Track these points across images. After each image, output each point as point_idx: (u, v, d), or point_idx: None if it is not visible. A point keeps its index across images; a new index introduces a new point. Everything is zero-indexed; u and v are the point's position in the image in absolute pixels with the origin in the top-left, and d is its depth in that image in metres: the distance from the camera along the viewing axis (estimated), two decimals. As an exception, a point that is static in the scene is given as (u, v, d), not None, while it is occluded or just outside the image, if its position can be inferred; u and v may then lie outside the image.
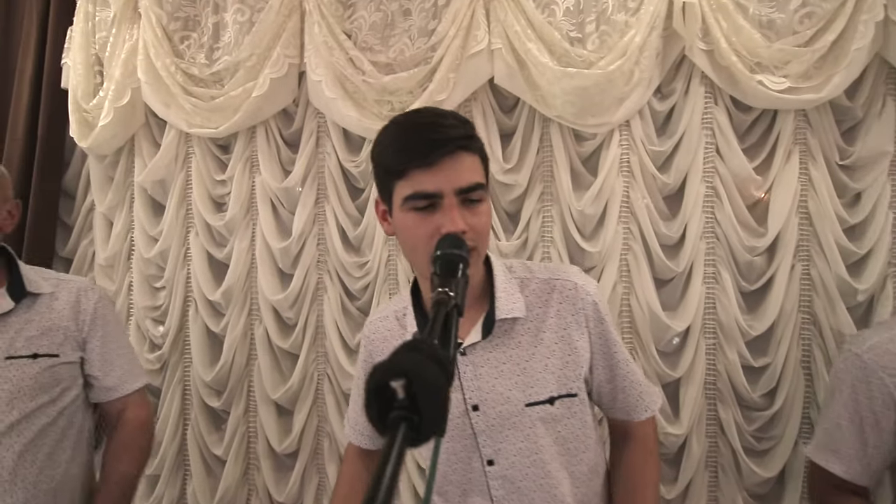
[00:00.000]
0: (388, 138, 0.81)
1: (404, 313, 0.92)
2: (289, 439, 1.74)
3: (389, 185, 0.80)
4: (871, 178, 1.51)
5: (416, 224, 0.77)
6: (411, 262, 0.85)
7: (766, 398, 1.55)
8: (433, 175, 0.75)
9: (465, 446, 0.85)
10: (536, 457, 0.84)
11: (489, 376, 0.84)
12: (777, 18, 1.50)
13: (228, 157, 1.83)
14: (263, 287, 1.76)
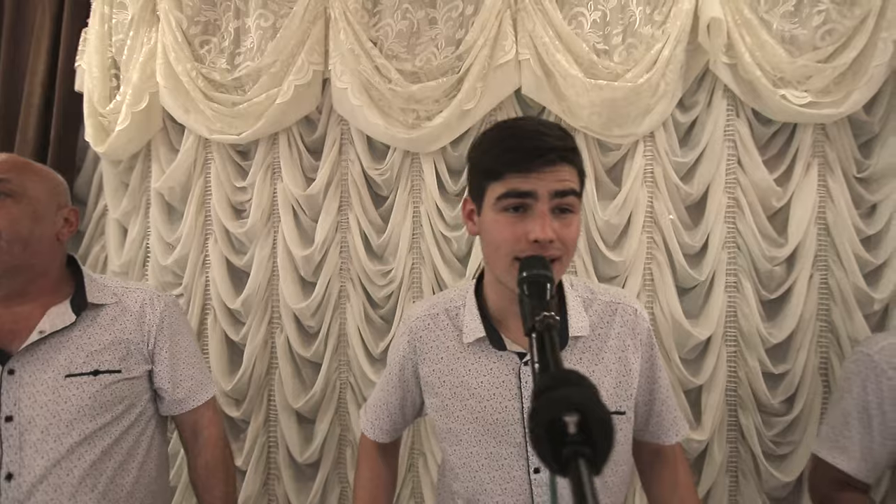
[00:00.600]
0: (489, 142, 0.83)
1: (457, 312, 0.92)
2: (311, 449, 1.73)
3: (483, 185, 0.82)
4: (887, 191, 1.56)
5: (505, 225, 0.78)
6: (490, 262, 0.84)
7: (786, 404, 1.59)
8: (531, 178, 0.77)
9: (512, 454, 0.86)
10: None
11: None
12: (800, 34, 1.54)
13: (248, 163, 1.81)
14: (285, 295, 1.75)
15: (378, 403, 1.01)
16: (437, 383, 0.91)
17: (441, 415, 0.91)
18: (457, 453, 0.90)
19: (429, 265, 1.71)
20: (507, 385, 0.87)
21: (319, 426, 1.74)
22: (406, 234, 1.72)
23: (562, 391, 0.41)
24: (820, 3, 1.53)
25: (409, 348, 0.95)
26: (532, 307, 0.67)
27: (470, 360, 0.89)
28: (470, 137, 1.70)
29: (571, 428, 0.40)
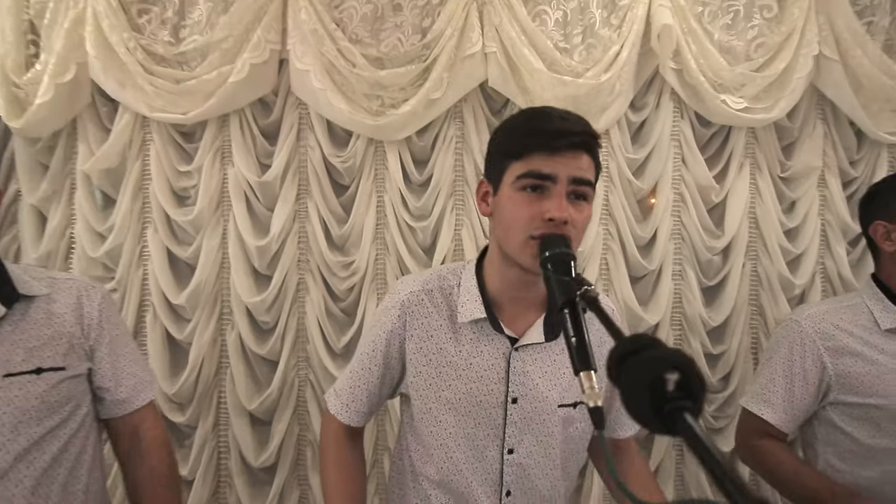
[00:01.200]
0: (513, 124, 0.86)
1: (450, 291, 0.92)
2: (266, 452, 1.62)
3: (503, 164, 0.84)
4: (804, 189, 1.77)
5: (522, 203, 0.80)
6: (503, 241, 0.85)
7: (722, 382, 1.75)
8: (553, 161, 0.79)
9: (488, 435, 0.89)
10: (551, 450, 0.90)
11: (534, 374, 0.89)
12: (736, 46, 1.70)
13: (193, 146, 1.67)
14: (237, 288, 1.63)
15: (357, 382, 0.95)
16: (422, 361, 0.90)
17: (421, 394, 0.91)
18: (433, 434, 0.90)
19: (393, 256, 1.68)
20: (496, 368, 0.89)
21: (276, 427, 1.64)
22: (370, 224, 1.67)
23: (655, 352, 0.42)
24: (753, 19, 1.70)
25: (398, 322, 0.92)
26: (565, 283, 0.68)
27: (461, 340, 0.90)
28: (434, 128, 1.69)
29: (671, 385, 0.41)
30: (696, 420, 0.40)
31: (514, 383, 0.88)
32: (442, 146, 1.69)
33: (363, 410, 0.96)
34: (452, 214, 1.68)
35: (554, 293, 0.69)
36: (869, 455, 1.06)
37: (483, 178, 0.91)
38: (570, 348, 0.62)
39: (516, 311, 0.90)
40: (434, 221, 1.67)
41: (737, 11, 1.71)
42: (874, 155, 1.79)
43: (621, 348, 0.45)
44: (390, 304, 0.94)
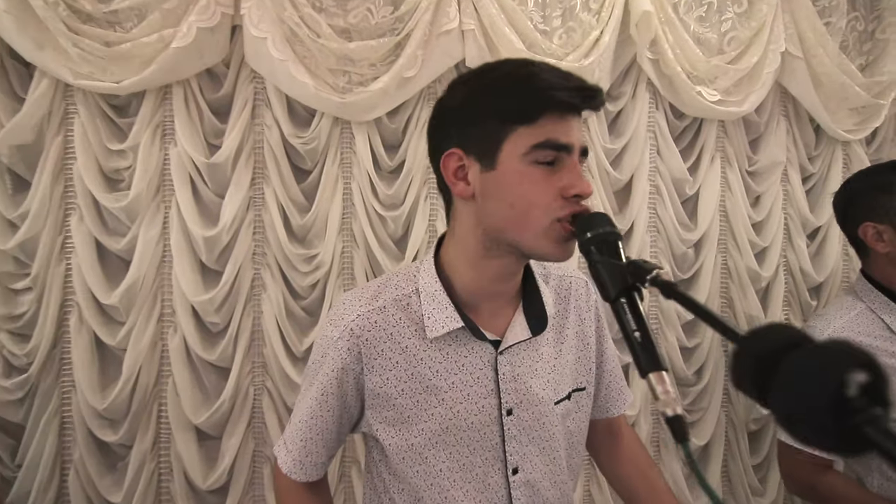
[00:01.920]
0: (506, 78, 0.69)
1: (408, 302, 0.76)
2: (217, 472, 1.43)
3: (501, 131, 0.68)
4: (769, 183, 1.80)
5: (540, 180, 0.67)
6: (509, 226, 0.70)
7: (696, 375, 1.74)
8: (567, 126, 0.67)
9: (486, 459, 0.76)
10: (556, 454, 0.80)
11: (525, 376, 0.78)
12: (710, 38, 1.69)
13: (127, 120, 1.44)
14: (182, 285, 1.42)
15: (309, 434, 0.79)
16: (393, 394, 0.75)
17: (398, 430, 0.76)
18: (420, 474, 0.76)
19: (362, 248, 1.53)
20: (483, 381, 0.76)
21: (228, 443, 1.44)
22: (335, 214, 1.52)
23: (829, 346, 0.33)
24: (726, 12, 1.70)
25: (350, 357, 0.75)
26: (618, 268, 0.58)
27: (435, 357, 0.75)
28: (407, 110, 1.56)
29: (854, 391, 0.31)
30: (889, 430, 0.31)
31: (506, 392, 0.76)
32: (415, 130, 1.56)
33: (320, 462, 0.81)
34: (427, 203, 1.56)
35: (603, 281, 0.59)
36: None
37: (454, 150, 0.71)
38: (634, 346, 0.52)
39: (492, 309, 0.78)
40: (407, 211, 1.54)
41: (710, 4, 1.70)
42: (830, 152, 1.85)
43: (765, 340, 0.35)
44: (334, 336, 0.76)
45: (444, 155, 0.73)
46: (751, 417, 1.73)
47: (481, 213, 0.72)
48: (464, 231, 0.75)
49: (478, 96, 0.71)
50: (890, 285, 1.12)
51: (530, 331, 0.77)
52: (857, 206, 1.16)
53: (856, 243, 1.19)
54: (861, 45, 1.86)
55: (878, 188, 1.13)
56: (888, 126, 1.88)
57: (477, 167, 0.71)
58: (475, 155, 0.71)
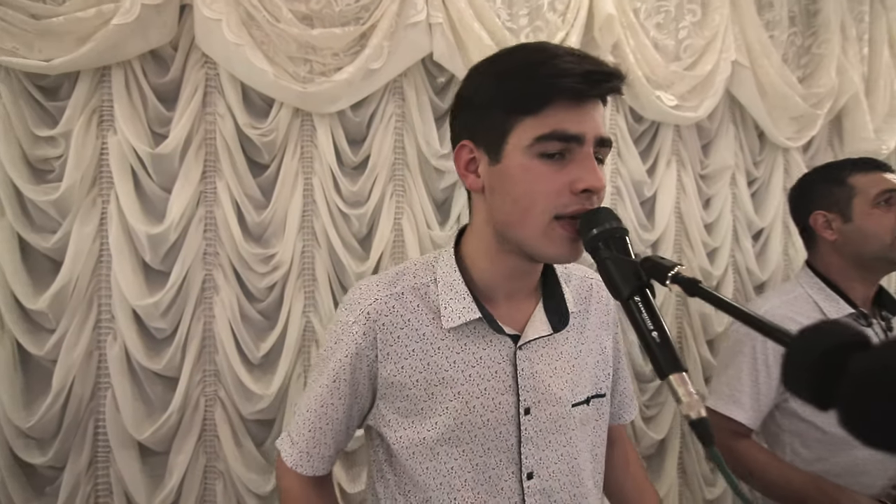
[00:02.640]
0: (513, 65, 0.65)
1: (426, 291, 0.74)
2: (164, 491, 1.31)
3: (505, 124, 0.65)
4: (719, 187, 1.88)
5: (545, 174, 0.63)
6: (507, 223, 0.67)
7: (653, 372, 1.79)
8: (579, 115, 0.63)
9: (500, 461, 0.72)
10: (574, 462, 0.76)
11: (544, 374, 0.75)
12: (669, 44, 1.74)
13: (58, 104, 1.29)
14: (122, 288, 1.29)
15: (318, 424, 0.75)
16: (407, 384, 0.72)
17: (410, 423, 0.72)
18: (430, 471, 0.72)
19: (324, 248, 1.45)
20: (501, 376, 0.72)
21: (177, 459, 1.33)
22: (295, 211, 1.43)
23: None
24: (683, 20, 1.76)
25: (365, 340, 0.72)
26: (629, 265, 0.56)
27: (453, 348, 0.72)
28: (371, 104, 1.50)
29: None
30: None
31: (524, 389, 0.73)
32: (380, 124, 1.50)
33: (328, 455, 0.77)
34: (392, 201, 1.51)
35: (613, 279, 0.56)
36: (835, 442, 1.09)
37: (465, 142, 0.69)
38: (651, 347, 0.50)
39: (511, 303, 0.75)
40: (371, 209, 1.48)
41: (668, 12, 1.76)
42: (773, 157, 1.96)
43: (829, 336, 0.34)
44: (349, 320, 0.73)
45: (456, 146, 0.71)
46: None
47: (491, 207, 0.69)
48: (480, 223, 0.72)
49: (486, 85, 0.67)
50: (829, 275, 1.19)
51: (551, 327, 0.74)
52: (810, 196, 1.23)
53: (803, 234, 1.25)
54: (799, 59, 1.98)
55: (830, 180, 1.20)
56: (822, 135, 2.01)
57: (486, 160, 0.68)
58: (484, 147, 0.68)
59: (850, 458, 1.08)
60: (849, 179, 1.20)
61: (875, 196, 1.16)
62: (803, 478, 1.08)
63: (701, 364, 1.80)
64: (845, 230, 1.18)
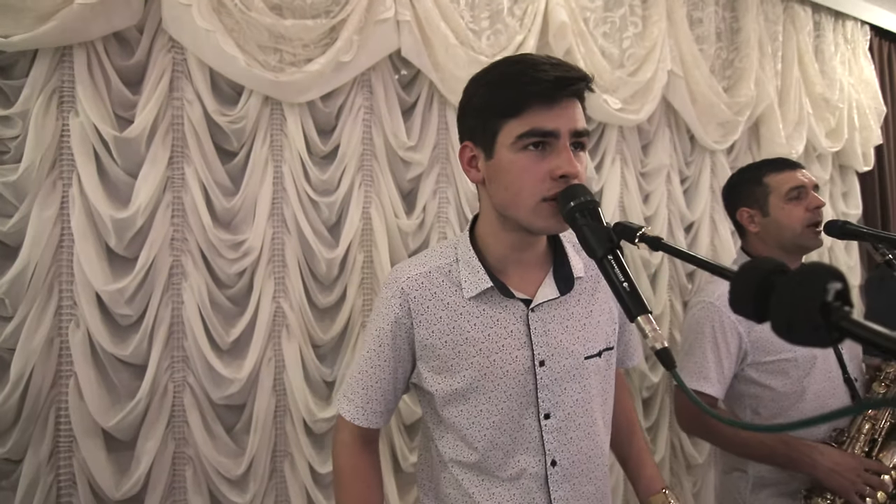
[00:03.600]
0: (498, 76, 0.78)
1: (449, 269, 0.87)
2: (131, 479, 1.29)
3: (494, 126, 0.78)
4: (657, 183, 2.07)
5: (528, 165, 0.75)
6: (509, 207, 0.79)
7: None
8: (553, 114, 0.75)
9: (521, 404, 0.85)
10: (588, 406, 0.88)
11: (556, 332, 0.86)
12: (614, 52, 1.91)
13: (13, 84, 1.24)
14: (87, 273, 1.26)
15: (368, 383, 0.89)
16: (437, 345, 0.85)
17: (443, 377, 0.85)
18: (464, 414, 0.85)
19: (294, 234, 1.48)
20: (516, 334, 0.85)
21: (144, 446, 1.31)
22: (265, 198, 1.45)
23: (813, 266, 0.43)
24: (626, 31, 1.93)
25: (401, 311, 0.86)
26: (602, 230, 0.67)
27: (474, 314, 0.85)
28: (341, 96, 1.54)
29: (830, 296, 0.41)
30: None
31: (538, 345, 0.84)
32: (349, 116, 1.55)
33: (380, 410, 0.90)
34: (361, 190, 1.56)
35: (589, 242, 0.67)
36: (786, 398, 1.26)
37: (467, 143, 0.83)
38: (622, 295, 0.61)
39: (522, 274, 0.87)
40: (341, 198, 1.53)
41: (613, 22, 1.92)
42: (701, 158, 2.18)
43: (757, 270, 0.45)
44: (388, 295, 0.88)
45: (460, 147, 0.84)
46: (644, 385, 1.99)
47: (490, 195, 0.82)
48: (485, 209, 0.86)
49: (479, 94, 0.80)
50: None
51: (559, 291, 0.86)
52: (736, 195, 1.40)
53: (737, 226, 1.43)
54: (724, 71, 2.22)
55: (750, 181, 1.38)
56: (743, 139, 2.26)
57: (482, 157, 0.81)
58: (481, 146, 0.81)
59: (799, 411, 1.25)
60: (765, 179, 1.38)
61: (787, 192, 1.35)
62: (770, 437, 1.23)
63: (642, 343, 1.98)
64: (765, 223, 1.36)
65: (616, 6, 1.92)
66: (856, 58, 2.64)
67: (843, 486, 1.15)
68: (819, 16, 2.51)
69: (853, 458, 1.19)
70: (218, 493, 1.37)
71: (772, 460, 1.25)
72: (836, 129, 2.49)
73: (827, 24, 2.53)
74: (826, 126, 2.47)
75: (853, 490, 1.15)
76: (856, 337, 0.39)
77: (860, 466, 1.17)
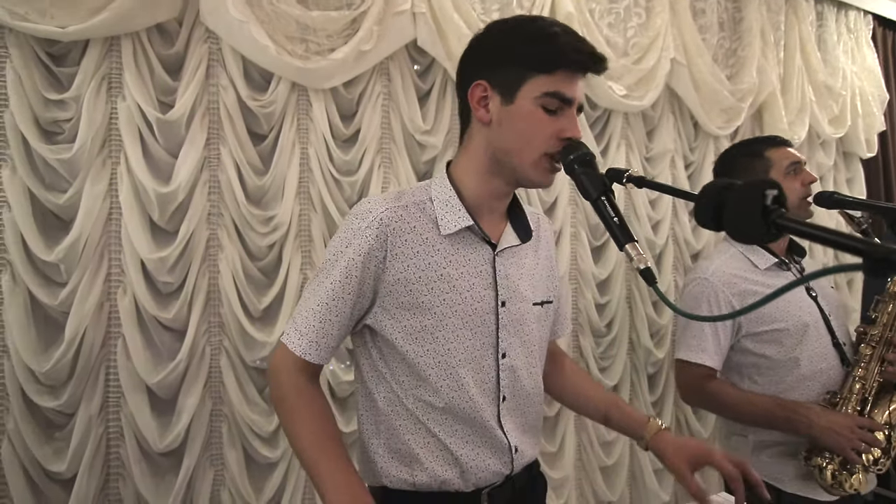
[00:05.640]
0: (537, 32, 0.83)
1: (424, 206, 0.89)
2: (172, 433, 1.41)
3: (522, 75, 0.82)
4: (661, 168, 2.16)
5: (543, 122, 0.83)
6: (507, 152, 0.85)
7: (607, 327, 2.04)
8: (575, 84, 0.84)
9: (484, 343, 0.89)
10: (533, 348, 0.96)
11: (515, 276, 0.93)
12: (619, 42, 2.00)
13: (66, 70, 1.36)
14: (134, 244, 1.38)
15: (328, 316, 0.84)
16: (412, 279, 0.86)
17: (412, 314, 0.86)
18: (430, 352, 0.86)
19: (319, 211, 1.59)
20: (484, 275, 0.89)
21: (185, 402, 1.43)
22: (293, 177, 1.56)
23: (752, 179, 0.54)
24: (630, 21, 2.02)
25: (377, 243, 0.84)
26: (597, 177, 0.78)
27: (448, 250, 0.88)
28: (361, 83, 1.65)
29: (769, 200, 0.52)
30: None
31: (501, 287, 0.90)
32: (369, 101, 1.66)
33: (332, 345, 0.86)
34: (380, 171, 1.67)
35: (586, 186, 0.77)
36: (781, 365, 1.33)
37: (482, 82, 0.84)
38: (613, 228, 0.72)
39: (490, 220, 0.92)
40: (362, 178, 1.64)
41: (618, 13, 2.01)
42: (706, 144, 2.26)
43: (714, 188, 0.56)
44: (361, 225, 0.85)
45: (472, 84, 0.86)
46: (650, 361, 2.07)
47: (493, 137, 0.86)
48: (476, 149, 0.89)
49: (511, 43, 0.84)
50: None
51: (519, 239, 0.93)
52: (733, 168, 1.48)
53: None
54: (727, 60, 2.30)
55: (750, 154, 1.46)
56: (746, 126, 2.34)
57: (498, 100, 0.84)
58: (498, 89, 0.84)
59: (795, 376, 1.32)
60: (766, 153, 1.46)
61: (786, 167, 1.43)
62: (764, 400, 1.31)
63: (647, 321, 2.07)
64: None
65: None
66: (858, 47, 2.70)
67: (839, 443, 1.21)
68: (822, 6, 2.58)
69: (847, 416, 1.25)
70: (250, 449, 1.48)
71: (770, 424, 1.31)
72: (840, 116, 2.55)
73: (829, 14, 2.60)
74: (829, 113, 2.53)
75: (849, 447, 1.21)
76: (790, 230, 0.50)
77: (854, 424, 1.23)
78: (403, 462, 0.88)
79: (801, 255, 1.48)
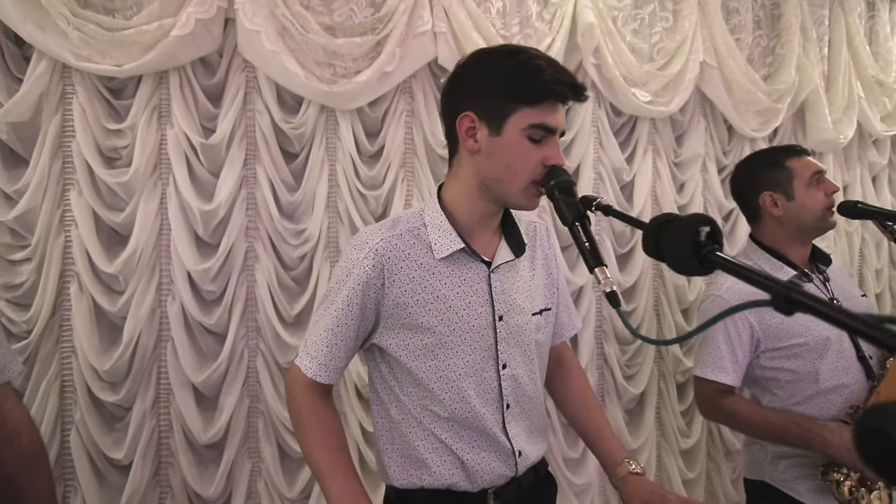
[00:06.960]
0: (523, 65, 0.87)
1: (418, 232, 0.94)
2: (215, 427, 1.55)
3: (509, 107, 0.87)
4: (691, 173, 2.12)
5: (529, 151, 0.89)
6: (501, 181, 0.90)
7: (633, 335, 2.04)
8: (559, 114, 0.89)
9: (483, 356, 0.95)
10: (532, 356, 1.01)
11: (511, 290, 0.99)
12: (643, 48, 1.99)
13: (123, 102, 1.54)
14: (181, 256, 1.54)
15: (334, 342, 0.92)
16: (409, 302, 0.92)
17: (414, 333, 0.92)
18: (433, 369, 0.92)
19: (346, 224, 1.70)
20: (480, 293, 0.95)
21: (225, 400, 1.57)
22: (322, 192, 1.68)
23: (688, 216, 0.58)
24: (655, 27, 2.01)
25: (374, 272, 0.90)
26: (574, 203, 0.82)
27: (443, 273, 0.93)
28: (385, 102, 1.75)
29: (703, 236, 0.56)
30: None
31: (498, 302, 0.96)
32: (392, 119, 1.75)
33: (340, 367, 0.95)
34: (404, 185, 1.75)
35: (563, 212, 0.82)
36: (801, 378, 1.32)
37: (469, 113, 0.89)
38: (585, 252, 0.76)
39: (483, 238, 0.98)
40: (386, 192, 1.73)
41: (642, 19, 2.00)
42: (740, 147, 2.20)
43: (658, 221, 0.61)
44: (359, 257, 0.91)
45: (460, 115, 0.91)
46: (678, 370, 2.05)
47: (482, 166, 0.92)
48: (466, 176, 0.95)
49: (497, 75, 0.89)
50: (773, 245, 1.43)
51: (513, 253, 0.98)
52: (757, 179, 1.45)
53: (749, 211, 1.49)
54: (764, 59, 2.23)
55: (771, 165, 1.43)
56: (786, 126, 2.26)
57: (485, 130, 0.90)
58: (486, 121, 0.89)
59: (815, 390, 1.31)
60: (787, 163, 1.43)
61: (810, 177, 1.40)
62: (780, 418, 1.31)
63: (675, 330, 2.05)
64: (789, 206, 1.41)
65: (645, 3, 2.00)
66: (916, 37, 2.53)
67: (857, 462, 1.19)
68: (873, -3, 2.44)
69: None
70: (283, 444, 1.61)
71: (786, 442, 1.30)
72: (893, 112, 2.40)
73: (882, 5, 2.45)
74: (881, 110, 2.39)
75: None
76: (720, 266, 0.53)
77: None
78: (414, 466, 0.96)
79: (826, 263, 1.44)
